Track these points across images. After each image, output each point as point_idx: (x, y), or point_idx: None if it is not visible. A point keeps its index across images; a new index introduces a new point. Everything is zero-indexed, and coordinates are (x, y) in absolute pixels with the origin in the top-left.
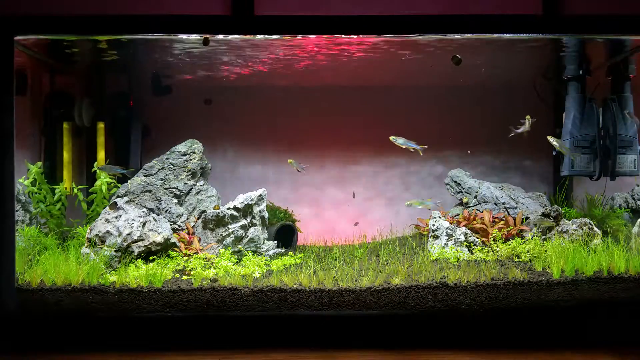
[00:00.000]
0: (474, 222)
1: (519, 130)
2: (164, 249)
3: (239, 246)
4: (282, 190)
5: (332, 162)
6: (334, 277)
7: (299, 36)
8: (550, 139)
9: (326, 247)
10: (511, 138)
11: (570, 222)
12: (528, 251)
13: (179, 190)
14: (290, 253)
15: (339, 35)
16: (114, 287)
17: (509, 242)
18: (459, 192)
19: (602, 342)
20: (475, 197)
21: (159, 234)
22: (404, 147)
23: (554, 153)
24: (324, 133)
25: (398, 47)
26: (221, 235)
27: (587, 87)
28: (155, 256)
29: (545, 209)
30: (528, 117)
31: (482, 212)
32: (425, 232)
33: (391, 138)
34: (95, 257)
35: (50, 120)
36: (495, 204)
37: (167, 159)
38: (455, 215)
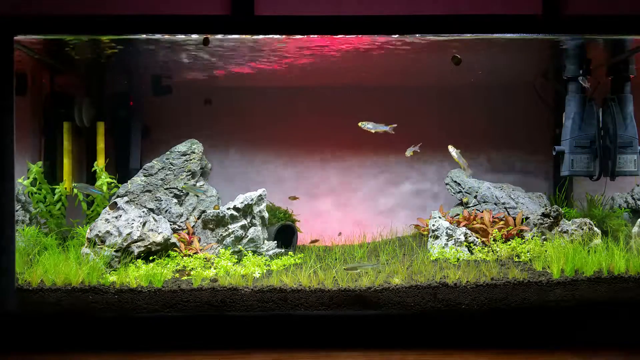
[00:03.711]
0: (474, 222)
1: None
2: (164, 249)
3: (239, 246)
4: (282, 190)
5: (333, 161)
6: (334, 277)
7: (299, 36)
8: (450, 148)
9: (326, 247)
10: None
11: (570, 222)
12: (528, 251)
13: (179, 190)
14: (290, 253)
15: (339, 35)
16: (114, 287)
17: (509, 242)
18: (459, 192)
19: (603, 342)
20: (475, 197)
21: (159, 234)
22: (373, 131)
23: (553, 153)
24: (324, 133)
25: (397, 46)
26: (221, 235)
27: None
28: (155, 256)
29: (545, 209)
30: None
31: (482, 212)
32: (425, 232)
33: (360, 124)
34: (95, 257)
35: (50, 120)
36: (495, 204)
37: (167, 159)
38: (455, 215)
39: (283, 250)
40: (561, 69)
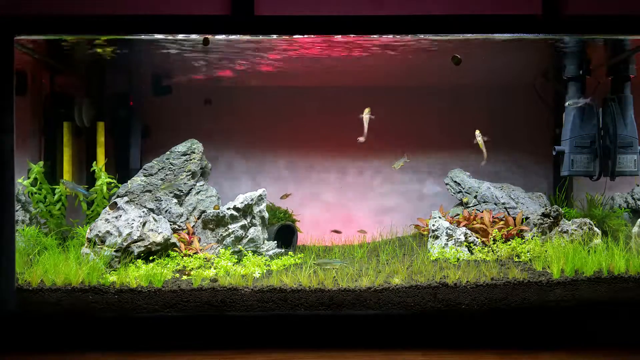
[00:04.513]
0: (474, 222)
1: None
2: (164, 249)
3: (239, 246)
4: (282, 190)
5: (334, 161)
6: (334, 277)
7: (299, 36)
8: (477, 133)
9: (326, 247)
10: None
11: (570, 222)
12: (528, 251)
13: (179, 190)
14: (290, 253)
15: (339, 36)
16: (114, 287)
17: (509, 242)
18: (459, 192)
19: (603, 342)
20: (475, 197)
21: (159, 234)
22: (365, 124)
23: (553, 153)
24: (324, 133)
25: (398, 46)
26: (221, 235)
27: (587, 87)
28: (155, 256)
29: (545, 209)
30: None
31: (482, 212)
32: (425, 232)
33: (366, 110)
34: (95, 257)
35: (50, 120)
36: (495, 204)
37: (167, 159)
38: (455, 215)
39: (283, 250)
40: (561, 69)
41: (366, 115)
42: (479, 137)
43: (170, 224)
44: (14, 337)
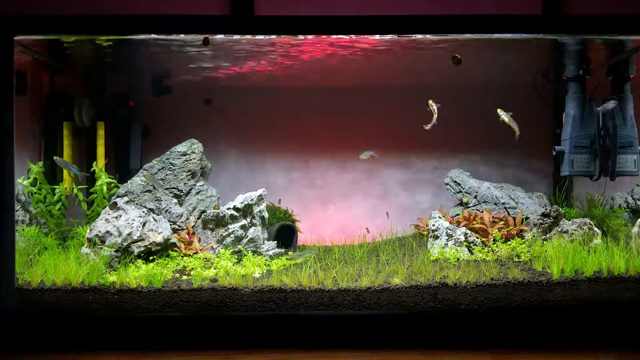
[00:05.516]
0: (474, 222)
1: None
2: (164, 249)
3: (239, 246)
4: (282, 190)
5: (332, 161)
6: (334, 277)
7: (299, 36)
8: (499, 111)
9: (326, 247)
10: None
11: (570, 222)
12: (528, 251)
13: (179, 190)
14: (290, 253)
15: (339, 36)
16: (114, 287)
17: (509, 242)
18: (459, 192)
19: (602, 342)
20: (475, 197)
21: (159, 234)
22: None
23: (553, 153)
24: (323, 133)
25: (398, 46)
26: (221, 235)
27: (587, 87)
28: (155, 256)
29: (545, 209)
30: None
31: (482, 212)
32: (425, 232)
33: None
34: (95, 257)
35: (50, 120)
36: (495, 204)
37: (167, 159)
38: (455, 215)
39: (283, 250)
40: (561, 69)
41: (434, 106)
42: (503, 115)
43: (170, 224)
44: (14, 337)
